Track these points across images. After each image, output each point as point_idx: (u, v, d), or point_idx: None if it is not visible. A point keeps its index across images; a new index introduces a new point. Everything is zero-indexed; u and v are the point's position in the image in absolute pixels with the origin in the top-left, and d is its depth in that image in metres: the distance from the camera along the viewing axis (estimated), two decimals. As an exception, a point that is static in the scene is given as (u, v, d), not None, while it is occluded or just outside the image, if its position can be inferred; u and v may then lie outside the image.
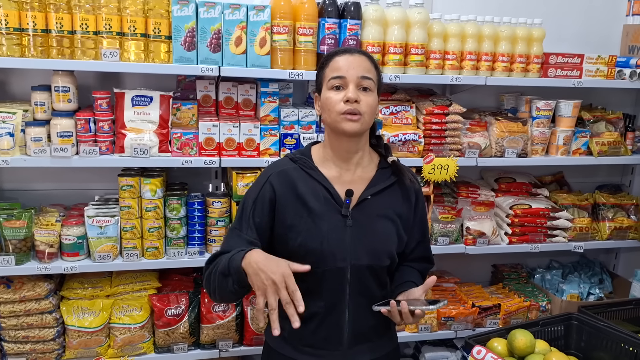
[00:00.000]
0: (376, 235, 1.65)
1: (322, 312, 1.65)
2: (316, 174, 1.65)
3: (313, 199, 1.62)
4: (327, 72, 1.62)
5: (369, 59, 1.63)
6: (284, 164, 1.70)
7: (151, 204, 2.30)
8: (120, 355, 2.35)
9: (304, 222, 1.61)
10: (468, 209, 2.72)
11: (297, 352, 1.70)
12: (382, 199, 1.68)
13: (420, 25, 2.39)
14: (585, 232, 2.84)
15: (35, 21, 2.06)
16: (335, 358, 1.69)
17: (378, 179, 1.69)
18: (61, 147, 2.14)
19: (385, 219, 1.68)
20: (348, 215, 1.62)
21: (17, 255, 2.19)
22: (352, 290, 1.64)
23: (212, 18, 2.19)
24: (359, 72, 1.57)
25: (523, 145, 2.63)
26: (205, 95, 2.48)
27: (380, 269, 1.67)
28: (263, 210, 1.63)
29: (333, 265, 1.61)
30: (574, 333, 2.03)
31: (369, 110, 1.59)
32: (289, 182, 1.64)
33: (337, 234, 1.61)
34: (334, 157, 1.67)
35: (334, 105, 1.57)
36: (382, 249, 1.66)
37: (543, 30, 2.58)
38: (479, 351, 1.66)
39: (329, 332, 1.67)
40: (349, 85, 1.57)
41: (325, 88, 1.62)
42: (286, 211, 1.62)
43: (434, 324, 2.70)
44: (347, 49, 1.64)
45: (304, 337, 1.68)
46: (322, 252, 1.60)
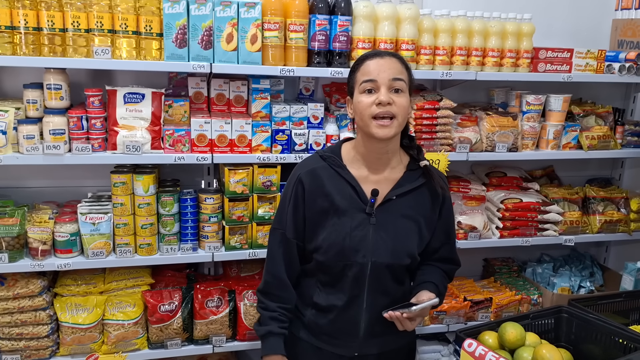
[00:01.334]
0: (398, 235, 1.71)
1: (340, 305, 1.74)
2: (344, 172, 1.71)
3: (339, 196, 1.69)
4: (359, 76, 1.65)
5: (399, 61, 1.66)
6: (313, 162, 1.76)
7: (144, 200, 2.31)
8: (114, 351, 2.36)
9: (330, 218, 1.69)
10: (459, 203, 2.74)
11: (314, 338, 1.81)
12: (408, 200, 1.73)
13: (410, 21, 2.40)
14: (575, 226, 2.87)
15: (27, 19, 2.06)
16: (350, 348, 1.78)
17: (405, 181, 1.73)
18: (54, 145, 2.14)
19: (409, 220, 1.73)
20: (372, 214, 1.69)
21: (10, 253, 2.20)
22: (370, 286, 1.71)
23: (203, 15, 2.19)
24: (390, 75, 1.60)
25: (513, 140, 2.65)
26: (197, 92, 2.48)
27: (399, 267, 1.73)
28: (297, 208, 1.73)
29: (354, 260, 1.68)
30: (564, 326, 2.05)
31: (401, 111, 1.62)
32: (317, 180, 1.71)
33: (360, 231, 1.68)
34: (363, 157, 1.72)
35: (366, 109, 1.61)
36: (402, 249, 1.71)
37: (532, 25, 2.59)
38: (470, 344, 1.68)
39: (346, 325, 1.76)
40: (381, 88, 1.60)
41: (357, 92, 1.65)
42: (314, 208, 1.71)
43: (426, 318, 2.72)
44: (378, 52, 1.67)
45: (322, 326, 1.78)
46: (344, 247, 1.67)
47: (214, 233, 2.40)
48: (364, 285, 1.71)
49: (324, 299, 1.76)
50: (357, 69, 1.67)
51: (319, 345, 1.80)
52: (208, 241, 2.39)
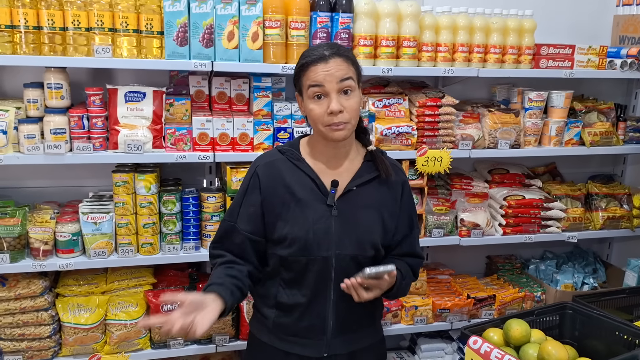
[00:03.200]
0: (361, 225, 1.67)
1: (305, 302, 1.68)
2: (303, 165, 1.68)
3: (300, 189, 1.65)
4: (304, 80, 1.59)
5: (344, 59, 1.58)
6: (272, 155, 1.73)
7: (146, 199, 2.30)
8: (117, 351, 2.35)
9: (291, 212, 1.65)
10: (462, 200, 2.73)
11: (280, 342, 1.73)
12: (368, 190, 1.70)
13: (412, 18, 2.39)
14: (578, 222, 2.86)
15: (27, 18, 2.05)
16: (318, 348, 1.71)
17: (364, 171, 1.71)
18: (55, 144, 2.13)
19: (371, 210, 1.70)
20: (333, 205, 1.65)
21: (12, 253, 2.19)
22: (336, 280, 1.65)
23: (204, 13, 2.18)
24: (338, 78, 1.55)
25: (516, 137, 2.64)
26: (198, 90, 2.47)
27: (364, 259, 1.68)
28: (253, 200, 1.68)
29: (318, 254, 1.64)
30: (568, 322, 2.04)
31: (354, 114, 1.60)
32: (276, 173, 1.67)
33: (322, 224, 1.64)
34: (321, 151, 1.70)
35: (319, 118, 1.58)
36: (366, 240, 1.68)
37: (534, 22, 2.59)
38: (475, 341, 1.67)
39: (313, 322, 1.70)
40: (330, 94, 1.55)
41: (306, 96, 1.60)
42: (274, 201, 1.66)
43: (430, 315, 2.72)
44: (322, 56, 1.57)
45: (287, 327, 1.71)
46: (307, 241, 1.63)
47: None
48: (330, 280, 1.66)
49: (288, 297, 1.70)
50: (302, 74, 1.60)
51: (286, 349, 1.72)
52: (210, 240, 2.38)
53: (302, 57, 1.63)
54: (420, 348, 2.89)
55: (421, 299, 2.73)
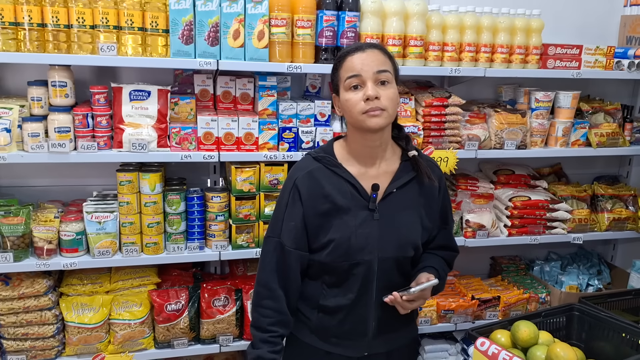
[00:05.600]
0: (402, 227, 1.69)
1: (348, 305, 1.70)
2: (341, 171, 1.67)
3: (340, 196, 1.65)
4: (342, 73, 1.61)
5: (381, 52, 1.62)
6: (308, 164, 1.70)
7: (150, 199, 2.28)
8: (121, 351, 2.34)
9: (333, 219, 1.65)
10: (467, 201, 2.72)
11: (322, 342, 1.76)
12: (408, 191, 1.71)
13: (418, 17, 2.38)
14: (584, 224, 2.85)
15: (31, 15, 2.03)
16: (359, 348, 1.75)
17: (402, 172, 1.71)
18: (59, 143, 2.12)
19: (410, 211, 1.71)
20: (375, 209, 1.66)
21: (16, 252, 2.18)
22: (379, 283, 1.68)
23: (209, 11, 2.16)
24: (374, 67, 1.56)
25: (522, 137, 2.63)
26: (203, 89, 2.46)
27: (405, 260, 1.71)
28: (294, 214, 1.67)
29: (361, 258, 1.65)
30: (575, 324, 2.03)
31: (390, 103, 1.58)
32: (315, 182, 1.66)
33: (365, 229, 1.65)
34: (357, 153, 1.69)
35: (355, 106, 1.57)
36: (407, 241, 1.70)
37: (542, 21, 2.57)
38: (482, 343, 1.66)
39: (355, 324, 1.72)
40: (367, 82, 1.56)
41: (342, 89, 1.61)
42: (315, 212, 1.66)
43: (434, 316, 2.70)
44: (358, 46, 1.62)
45: (329, 328, 1.74)
46: (350, 246, 1.64)
47: (221, 232, 2.37)
48: (373, 283, 1.68)
49: (330, 301, 1.72)
50: (339, 66, 1.63)
51: (327, 349, 1.75)
52: (215, 240, 2.37)
53: (339, 53, 1.66)
54: (424, 349, 2.87)
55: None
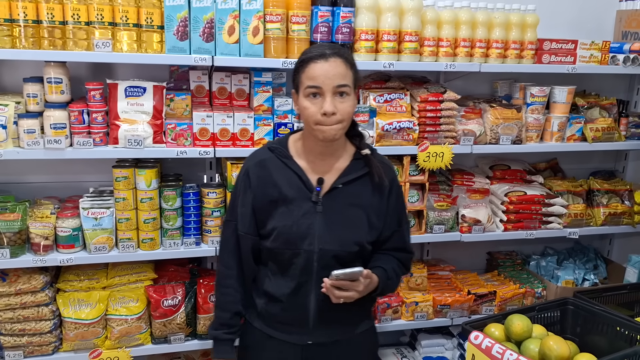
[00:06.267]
0: (345, 222, 1.73)
1: (289, 293, 1.75)
2: (291, 162, 1.74)
3: (287, 186, 1.72)
4: (303, 78, 1.63)
5: (344, 61, 1.62)
6: (262, 154, 1.80)
7: (146, 195, 2.29)
8: (118, 346, 2.35)
9: (279, 207, 1.72)
10: (463, 196, 2.72)
11: (267, 327, 1.82)
12: (354, 188, 1.74)
13: (413, 12, 2.38)
14: (580, 218, 2.86)
15: (26, 12, 2.03)
16: (302, 336, 1.79)
17: (351, 169, 1.75)
18: (55, 139, 2.13)
19: (356, 208, 1.74)
20: (318, 202, 1.71)
21: (12, 248, 2.18)
22: (318, 275, 1.70)
23: (204, 7, 2.17)
24: (335, 81, 1.59)
25: (518, 132, 2.63)
26: (198, 85, 2.46)
27: (347, 255, 1.73)
28: (245, 199, 1.76)
29: (301, 248, 1.70)
30: (569, 318, 2.05)
31: (346, 117, 1.63)
32: (265, 171, 1.75)
33: (307, 219, 1.70)
34: (309, 149, 1.74)
35: (312, 116, 1.62)
36: (350, 237, 1.73)
37: (537, 16, 2.57)
38: (476, 336, 1.67)
39: (296, 313, 1.77)
40: (326, 95, 1.59)
41: (302, 94, 1.65)
42: (263, 198, 1.74)
43: (430, 311, 2.72)
44: (322, 53, 1.61)
45: (274, 314, 1.80)
46: (291, 235, 1.70)
47: (217, 227, 2.38)
48: (312, 273, 1.72)
49: (274, 288, 1.78)
50: (301, 70, 1.64)
51: (273, 334, 1.81)
52: (211, 235, 2.38)
53: (302, 54, 1.68)
54: (420, 344, 2.89)
55: (422, 295, 2.73)
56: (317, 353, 1.80)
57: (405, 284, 2.76)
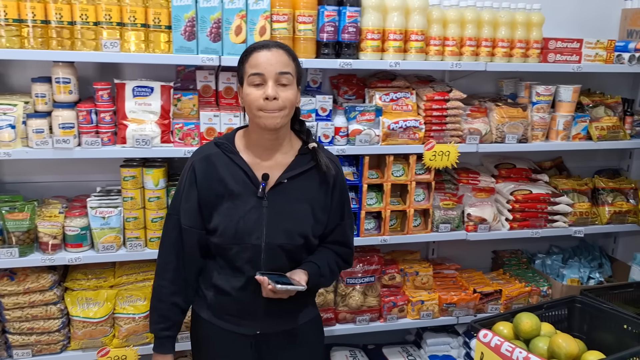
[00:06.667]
0: (290, 216, 1.77)
1: (238, 286, 1.79)
2: (237, 158, 1.76)
3: (233, 181, 1.75)
4: (247, 67, 1.68)
5: (286, 53, 1.69)
6: (208, 149, 1.81)
7: (154, 194, 2.30)
8: (126, 344, 2.36)
9: (224, 203, 1.75)
10: (469, 195, 2.73)
11: (217, 319, 1.86)
12: (299, 182, 1.78)
13: (419, 12, 2.39)
14: (585, 217, 2.86)
15: (35, 12, 2.04)
16: (251, 327, 1.84)
17: (296, 164, 1.79)
18: (63, 139, 2.14)
19: (301, 202, 1.78)
20: (264, 198, 1.75)
21: (21, 247, 2.19)
22: (266, 267, 1.76)
23: (211, 7, 2.17)
24: (277, 68, 1.64)
25: (523, 131, 2.64)
26: (205, 85, 2.47)
27: (294, 247, 1.78)
28: (190, 194, 1.78)
29: (248, 242, 1.74)
30: (577, 315, 2.05)
31: (288, 104, 1.68)
32: (211, 166, 1.76)
33: (253, 215, 1.74)
34: (254, 143, 1.77)
35: (254, 102, 1.66)
36: (295, 230, 1.77)
37: (542, 15, 2.58)
38: (485, 334, 1.67)
39: (245, 305, 1.81)
40: (268, 81, 1.65)
41: (245, 83, 1.69)
42: (209, 193, 1.76)
43: (436, 310, 2.72)
44: (266, 44, 1.69)
45: (223, 307, 1.84)
46: (237, 230, 1.73)
47: (224, 226, 2.39)
48: (259, 266, 1.76)
49: (222, 281, 1.81)
50: (245, 60, 1.70)
51: (222, 326, 1.85)
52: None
53: (247, 48, 1.74)
54: (426, 342, 2.89)
55: (427, 293, 2.73)
56: (266, 342, 1.85)
57: (411, 283, 2.77)
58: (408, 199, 2.58)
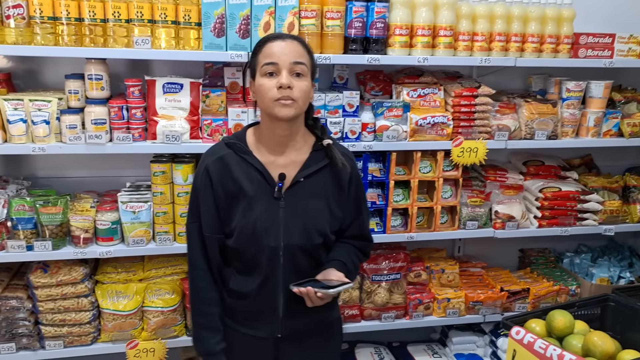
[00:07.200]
0: (308, 215, 1.72)
1: (256, 289, 1.75)
2: (250, 158, 1.71)
3: (248, 182, 1.69)
4: (260, 58, 1.64)
5: (301, 44, 1.66)
6: (219, 150, 1.75)
7: (183, 189, 2.32)
8: (154, 337, 2.39)
9: (240, 204, 1.70)
10: (497, 192, 2.70)
11: (235, 323, 1.82)
12: (315, 180, 1.74)
13: (448, 7, 2.37)
14: (615, 215, 2.81)
15: (69, 10, 2.08)
16: (270, 329, 1.79)
17: (312, 161, 1.74)
18: (95, 134, 2.17)
19: (318, 199, 1.74)
20: (281, 198, 1.70)
21: (54, 241, 2.24)
22: (286, 268, 1.72)
23: (240, 4, 2.19)
24: (291, 58, 1.60)
25: (553, 127, 2.60)
26: (232, 82, 2.49)
27: (312, 247, 1.74)
28: (207, 198, 1.72)
29: (266, 244, 1.69)
30: (609, 315, 2.01)
31: (302, 95, 1.63)
32: (225, 167, 1.71)
33: (270, 216, 1.69)
34: (268, 140, 1.72)
35: (267, 92, 1.61)
36: (314, 228, 1.72)
37: (573, 10, 2.54)
38: (517, 332, 1.66)
39: (264, 307, 1.77)
40: (282, 71, 1.60)
41: (258, 74, 1.65)
42: (224, 195, 1.71)
43: (462, 308, 2.70)
44: (280, 35, 1.66)
45: (241, 311, 1.80)
46: (255, 232, 1.69)
47: (251, 222, 2.40)
48: (279, 268, 1.71)
49: (240, 285, 1.77)
50: (258, 51, 1.66)
51: (241, 330, 1.81)
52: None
53: (260, 39, 1.70)
54: (451, 340, 2.87)
55: (453, 291, 2.71)
56: (287, 345, 1.81)
57: (437, 281, 2.75)
58: (435, 195, 2.56)
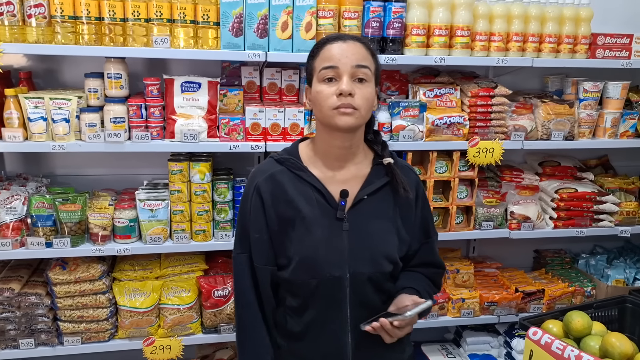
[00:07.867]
0: (375, 238, 1.52)
1: (318, 327, 1.53)
2: (306, 175, 1.52)
3: (305, 203, 1.50)
4: (318, 62, 1.47)
5: (364, 46, 1.48)
6: (269, 167, 1.55)
7: (200, 188, 2.34)
8: (170, 335, 2.41)
9: (296, 229, 1.49)
10: (512, 193, 2.69)
11: None
12: (380, 198, 1.54)
13: (465, 7, 2.37)
14: (632, 217, 2.79)
15: (89, 9, 2.10)
16: None
17: (374, 177, 1.55)
18: (114, 133, 2.19)
19: (384, 220, 1.54)
20: (344, 219, 1.50)
21: (73, 238, 2.26)
22: (353, 301, 1.50)
23: (259, 3, 2.20)
24: (354, 61, 1.42)
25: (570, 128, 2.59)
26: (249, 81, 2.50)
27: (382, 276, 1.53)
28: (258, 223, 1.52)
29: (329, 274, 1.48)
30: (628, 316, 2.00)
31: (365, 104, 1.44)
32: (277, 186, 1.51)
33: (332, 240, 1.49)
34: (325, 154, 1.53)
35: (326, 100, 1.43)
36: (382, 254, 1.52)
37: (591, 10, 2.52)
38: (535, 332, 1.65)
39: (330, 349, 1.54)
40: (343, 76, 1.42)
41: (316, 80, 1.47)
42: (278, 219, 1.51)
43: (477, 308, 2.70)
44: (340, 36, 1.48)
45: (302, 354, 1.57)
46: (316, 261, 1.48)
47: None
48: (345, 303, 1.49)
49: (298, 325, 1.54)
50: (316, 55, 1.48)
51: None
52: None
53: (317, 41, 1.55)
54: (465, 341, 2.87)
55: (468, 291, 2.71)
56: None
57: (452, 281, 2.75)
58: (451, 195, 2.56)
